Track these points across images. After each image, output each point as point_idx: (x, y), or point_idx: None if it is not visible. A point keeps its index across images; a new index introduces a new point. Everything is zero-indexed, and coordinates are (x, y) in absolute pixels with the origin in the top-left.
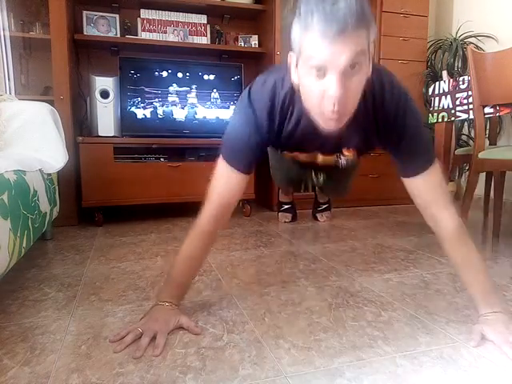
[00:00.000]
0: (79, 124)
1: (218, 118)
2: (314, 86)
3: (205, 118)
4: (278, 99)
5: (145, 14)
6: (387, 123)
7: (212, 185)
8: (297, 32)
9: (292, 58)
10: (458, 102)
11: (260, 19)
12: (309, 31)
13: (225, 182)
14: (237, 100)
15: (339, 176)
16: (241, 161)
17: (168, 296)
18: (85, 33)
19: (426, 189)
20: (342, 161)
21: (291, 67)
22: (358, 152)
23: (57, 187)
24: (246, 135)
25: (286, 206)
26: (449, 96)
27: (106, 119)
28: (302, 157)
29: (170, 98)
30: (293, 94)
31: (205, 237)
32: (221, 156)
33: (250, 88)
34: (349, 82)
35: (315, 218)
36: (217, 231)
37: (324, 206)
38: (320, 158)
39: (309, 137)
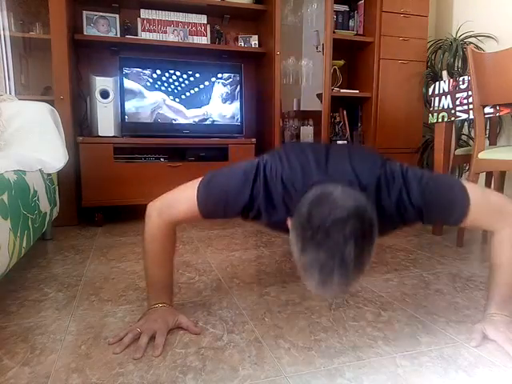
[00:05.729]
0: (79, 124)
1: (217, 118)
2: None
3: (205, 118)
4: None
5: (145, 14)
6: (398, 220)
7: (176, 195)
8: (296, 253)
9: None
10: (457, 102)
11: (260, 19)
12: (305, 274)
13: (186, 209)
14: (236, 100)
15: None
16: (211, 210)
17: (158, 299)
18: (85, 33)
19: (478, 223)
20: None
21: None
22: None
23: (57, 187)
24: (231, 200)
25: None
26: (449, 96)
27: (106, 119)
28: None
29: (170, 98)
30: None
31: (164, 239)
32: (199, 187)
33: (259, 172)
34: None
35: None
36: (174, 231)
37: None
38: None
39: None
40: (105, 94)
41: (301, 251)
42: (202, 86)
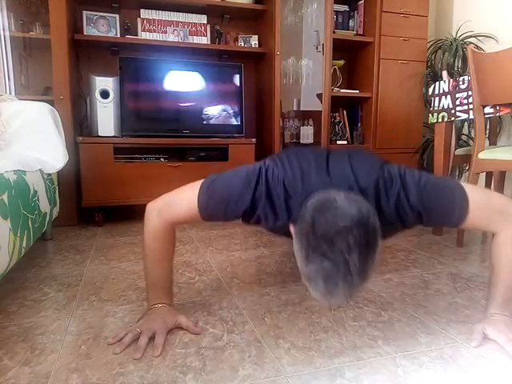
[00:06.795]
0: (79, 124)
1: (218, 118)
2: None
3: (205, 117)
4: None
5: (145, 14)
6: (399, 223)
7: (176, 195)
8: (300, 261)
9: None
10: (457, 102)
11: (260, 19)
12: (310, 283)
13: (187, 210)
14: (236, 100)
15: None
16: (212, 212)
17: (157, 299)
18: (85, 33)
19: (478, 224)
20: None
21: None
22: None
23: (57, 187)
24: (232, 204)
25: None
26: (449, 96)
27: (106, 119)
28: None
29: (170, 98)
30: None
31: (163, 238)
32: (200, 189)
33: (261, 176)
34: None
35: None
36: (174, 231)
37: None
38: None
39: None
40: (105, 94)
41: (305, 260)
42: (202, 86)
